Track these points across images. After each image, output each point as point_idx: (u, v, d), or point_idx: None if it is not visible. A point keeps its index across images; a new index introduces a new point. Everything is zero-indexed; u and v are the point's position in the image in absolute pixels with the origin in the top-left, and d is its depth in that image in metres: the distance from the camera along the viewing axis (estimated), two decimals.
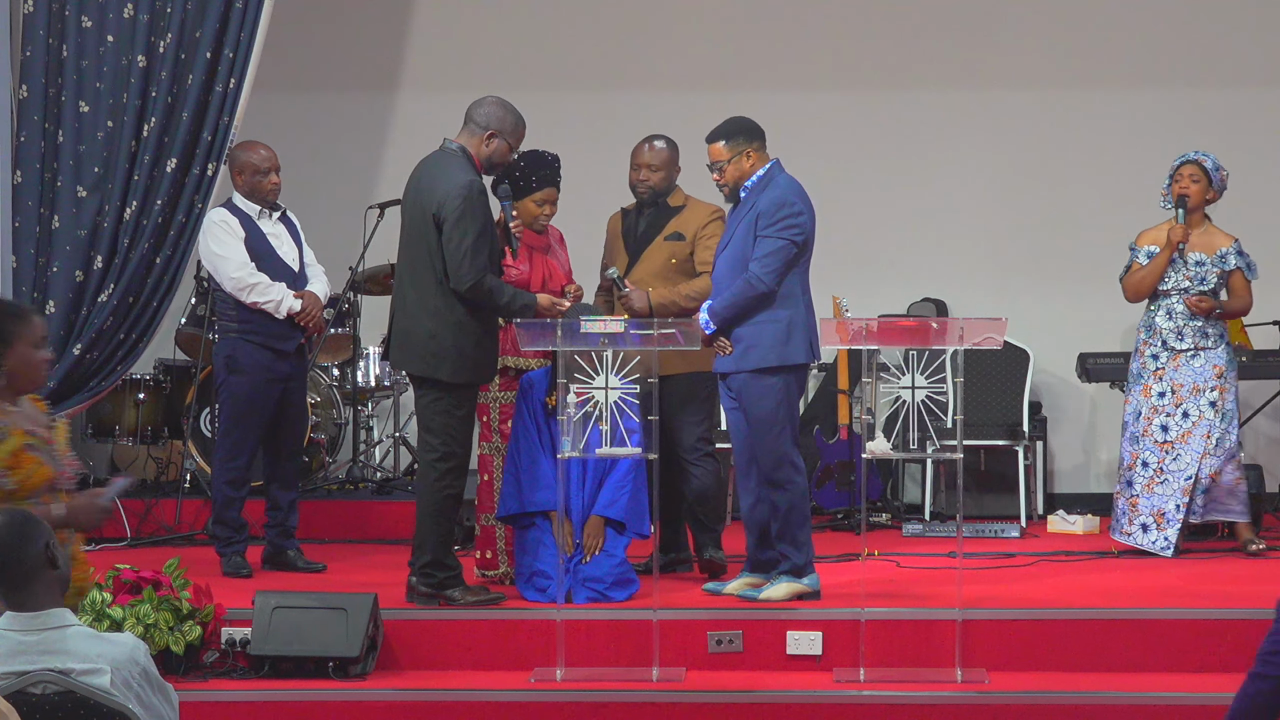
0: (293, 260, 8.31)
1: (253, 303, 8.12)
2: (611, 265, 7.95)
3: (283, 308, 8.13)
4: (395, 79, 10.79)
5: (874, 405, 7.37)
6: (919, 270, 10.59)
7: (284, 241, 8.32)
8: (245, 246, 8.16)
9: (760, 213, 7.34)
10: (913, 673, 6.97)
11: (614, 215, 8.20)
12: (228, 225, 8.20)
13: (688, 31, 10.67)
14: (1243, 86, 10.50)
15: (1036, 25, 10.60)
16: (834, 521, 9.61)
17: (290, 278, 8.24)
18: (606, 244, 8.15)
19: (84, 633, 4.32)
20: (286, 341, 8.19)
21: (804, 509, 7.43)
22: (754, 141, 7.46)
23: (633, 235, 8.03)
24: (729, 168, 7.44)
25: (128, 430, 9.75)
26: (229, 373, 8.18)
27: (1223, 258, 8.60)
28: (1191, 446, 8.52)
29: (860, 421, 9.42)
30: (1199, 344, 8.57)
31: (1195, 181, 8.62)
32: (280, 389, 8.19)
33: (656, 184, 7.96)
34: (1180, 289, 8.60)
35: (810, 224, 7.41)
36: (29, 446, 4.84)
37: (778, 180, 7.43)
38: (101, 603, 6.87)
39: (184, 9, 8.73)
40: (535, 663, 7.08)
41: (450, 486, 7.31)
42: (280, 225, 8.34)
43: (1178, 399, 8.58)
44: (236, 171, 8.29)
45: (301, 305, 8.15)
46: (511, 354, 7.75)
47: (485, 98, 7.46)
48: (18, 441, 4.83)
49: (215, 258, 8.21)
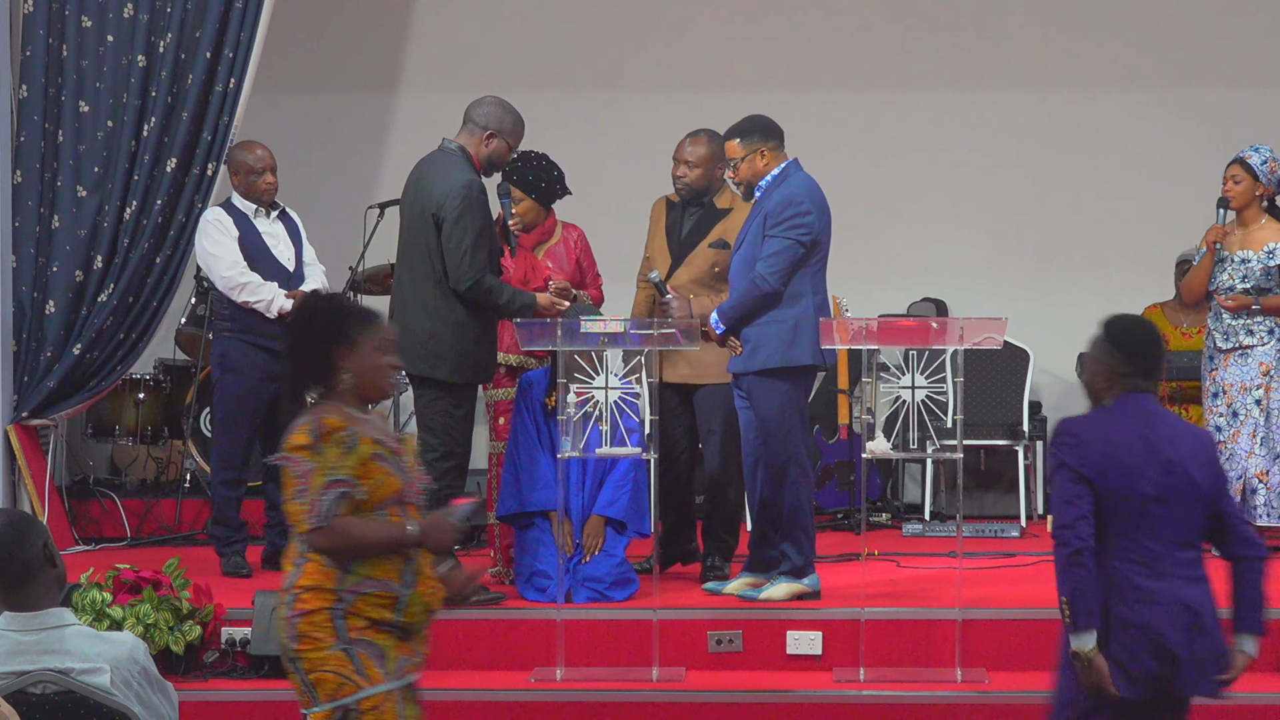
0: (288, 260, 8.30)
1: (244, 302, 8.13)
2: (653, 265, 7.82)
3: (274, 307, 8.13)
4: (395, 79, 10.79)
5: (874, 405, 7.35)
6: (919, 270, 10.59)
7: (280, 241, 8.32)
8: (239, 246, 8.17)
9: (768, 213, 7.33)
10: (913, 673, 6.97)
11: (658, 201, 8.08)
12: (221, 224, 8.21)
13: (687, 31, 10.66)
14: (1244, 87, 10.50)
15: (1037, 26, 10.60)
16: (834, 521, 9.61)
17: (284, 277, 8.24)
18: (650, 232, 8.06)
19: (84, 632, 4.33)
20: (279, 341, 8.18)
21: (808, 510, 7.42)
22: (769, 140, 7.43)
23: (676, 235, 7.92)
24: (742, 166, 7.42)
25: (128, 430, 9.74)
26: (223, 372, 8.19)
27: (1270, 253, 8.54)
28: (1240, 446, 8.50)
29: (860, 421, 9.41)
30: (1243, 342, 8.53)
31: (1237, 183, 8.57)
32: (274, 388, 8.18)
33: (694, 181, 7.84)
34: (1226, 288, 8.56)
35: (820, 224, 7.36)
36: (377, 456, 4.70)
37: (790, 180, 7.40)
38: (101, 602, 6.87)
39: (184, 9, 8.73)
40: (535, 662, 7.08)
41: (450, 486, 7.30)
42: (278, 225, 8.34)
43: (1228, 399, 8.55)
44: (233, 171, 8.31)
45: (293, 305, 8.15)
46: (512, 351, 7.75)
47: (484, 98, 7.46)
48: (366, 450, 4.69)
49: (208, 256, 8.23)
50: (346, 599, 4.64)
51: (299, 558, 4.70)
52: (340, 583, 4.64)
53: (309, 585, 4.65)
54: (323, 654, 4.63)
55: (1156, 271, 10.16)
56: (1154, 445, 4.95)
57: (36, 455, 8.82)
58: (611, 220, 8.98)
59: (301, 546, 4.70)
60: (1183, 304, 10.05)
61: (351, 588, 4.64)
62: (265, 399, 8.16)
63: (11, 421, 8.74)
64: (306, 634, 4.64)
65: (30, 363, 8.78)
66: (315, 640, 4.63)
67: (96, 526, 9.24)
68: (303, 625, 4.64)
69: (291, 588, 4.68)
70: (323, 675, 4.63)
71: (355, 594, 4.65)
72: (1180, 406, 9.94)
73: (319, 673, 4.63)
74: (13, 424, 8.73)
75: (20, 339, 8.78)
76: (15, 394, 8.79)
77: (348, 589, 4.64)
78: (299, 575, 4.68)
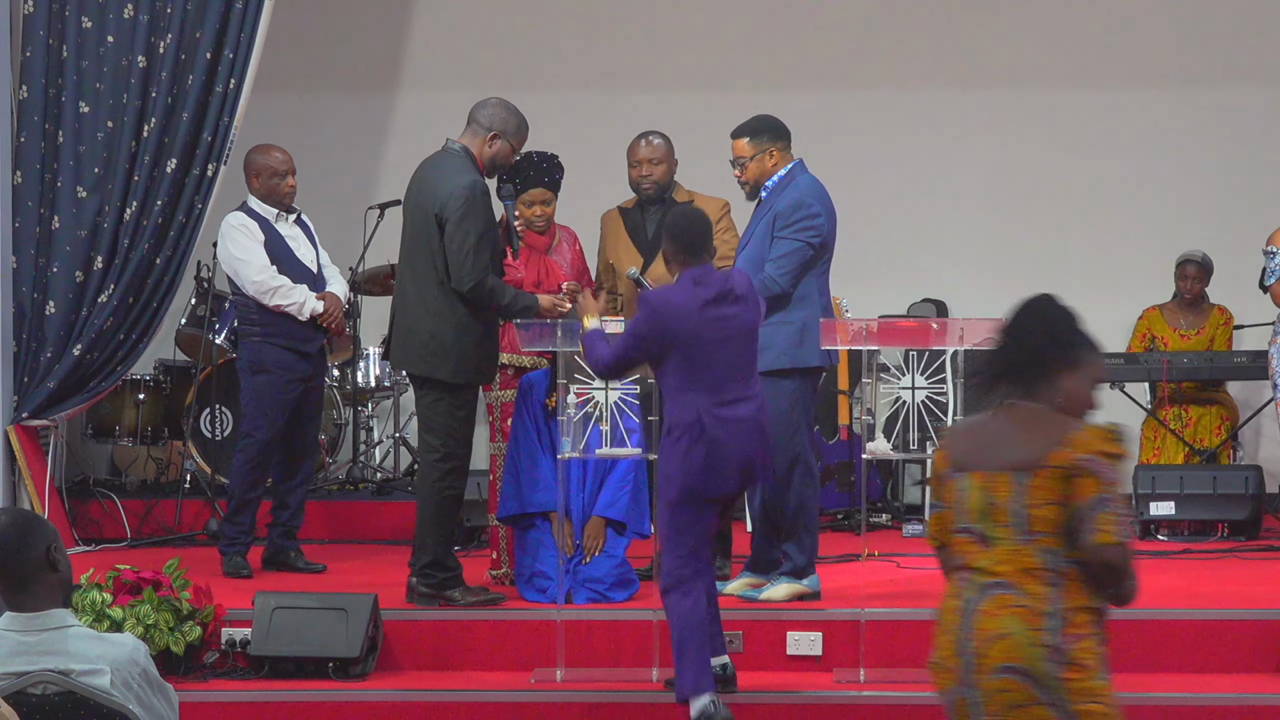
0: (311, 262, 8.31)
1: (275, 305, 8.11)
2: (626, 265, 7.85)
3: (305, 309, 8.13)
4: (395, 79, 10.80)
5: (874, 406, 7.36)
6: (919, 271, 10.59)
7: (301, 244, 8.32)
8: (265, 250, 8.17)
9: (778, 214, 7.32)
10: (913, 673, 6.93)
11: (609, 213, 8.14)
12: (247, 229, 8.19)
13: (687, 31, 10.66)
14: (1246, 86, 10.50)
15: (1038, 26, 10.60)
16: (834, 522, 9.60)
17: (310, 279, 8.25)
18: (605, 244, 8.11)
19: (84, 633, 4.32)
20: (309, 343, 8.19)
21: (812, 511, 7.43)
22: (778, 141, 7.43)
23: (641, 235, 7.96)
24: (751, 165, 7.42)
25: (128, 431, 9.75)
26: (253, 374, 8.16)
27: None
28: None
29: (860, 422, 9.41)
30: None
31: None
32: (302, 389, 8.18)
33: (660, 178, 7.91)
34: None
35: (828, 226, 7.37)
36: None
37: (798, 181, 7.40)
38: (102, 603, 6.87)
39: (184, 9, 8.72)
40: (535, 663, 7.08)
41: (451, 487, 7.31)
42: (296, 228, 8.34)
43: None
44: (253, 174, 8.27)
45: (324, 306, 8.16)
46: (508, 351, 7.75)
47: (488, 99, 7.45)
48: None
49: (236, 262, 8.19)
50: (1102, 622, 4.35)
51: (1052, 575, 4.31)
52: (1098, 603, 4.33)
53: (1078, 606, 4.29)
54: (1092, 683, 4.28)
55: (1157, 272, 10.16)
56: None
57: (37, 456, 8.81)
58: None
59: (1055, 562, 4.30)
60: (1181, 305, 10.06)
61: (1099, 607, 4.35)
62: (294, 399, 8.15)
63: (12, 422, 8.73)
64: (1079, 661, 4.26)
65: (30, 363, 8.78)
66: (1086, 669, 4.27)
67: (97, 527, 9.24)
68: (1078, 651, 4.26)
69: (1059, 610, 4.28)
70: (1091, 707, 4.28)
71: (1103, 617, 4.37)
72: (1181, 407, 9.95)
73: (1088, 703, 4.27)
74: (13, 425, 8.73)
75: (20, 340, 8.77)
76: (15, 395, 8.78)
77: (1100, 610, 4.35)
78: (1060, 594, 4.29)
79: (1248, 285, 8.99)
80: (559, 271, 7.88)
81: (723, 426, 6.43)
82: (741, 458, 6.46)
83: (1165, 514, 9.06)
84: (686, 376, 6.43)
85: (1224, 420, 9.96)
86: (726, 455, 6.43)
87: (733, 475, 6.48)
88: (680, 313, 6.43)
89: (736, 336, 6.50)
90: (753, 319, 6.57)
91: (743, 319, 6.53)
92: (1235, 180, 10.04)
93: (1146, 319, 10.14)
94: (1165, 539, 9.02)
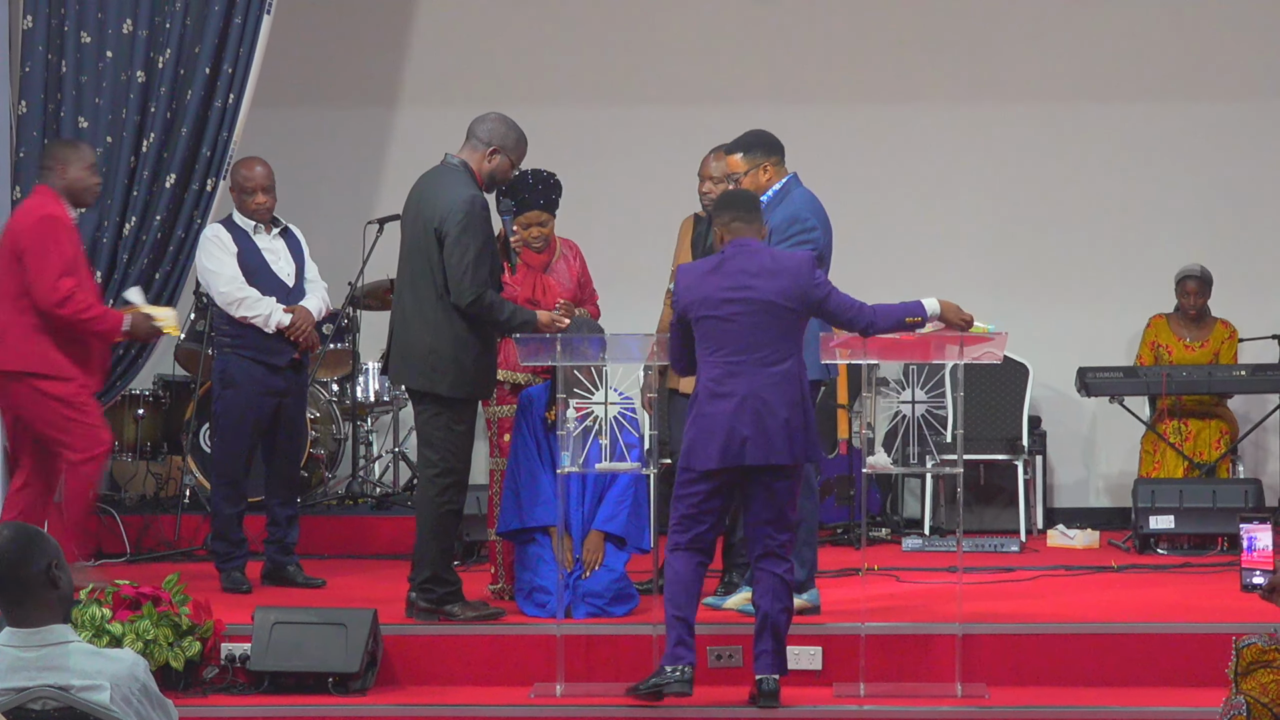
0: (288, 276, 8.31)
1: (241, 317, 8.14)
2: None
3: (271, 322, 8.14)
4: (394, 94, 10.80)
5: (873, 420, 7.36)
6: (917, 284, 10.56)
7: (280, 257, 8.33)
8: (238, 262, 8.19)
9: (773, 229, 7.32)
10: (913, 688, 6.96)
11: (687, 219, 8.12)
12: (220, 240, 8.24)
13: (687, 47, 10.67)
14: (1241, 99, 10.51)
15: (1036, 39, 10.61)
16: (833, 536, 9.59)
17: (283, 293, 8.25)
18: (677, 248, 8.08)
19: (84, 649, 4.31)
20: (278, 356, 8.19)
21: (812, 525, 7.43)
22: (772, 155, 7.43)
23: (701, 248, 7.94)
24: (745, 180, 7.41)
25: (127, 446, 9.74)
26: (222, 387, 8.20)
27: None
28: None
29: (860, 436, 9.41)
30: None
31: None
32: (275, 403, 8.19)
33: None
34: None
35: (824, 239, 7.35)
36: None
37: (793, 195, 7.40)
38: (101, 618, 6.86)
39: (183, 25, 8.73)
40: (535, 678, 7.07)
41: (450, 502, 7.31)
42: (279, 241, 8.36)
43: None
44: (231, 188, 8.35)
45: (291, 320, 8.16)
46: (505, 368, 7.74)
47: (488, 114, 7.46)
48: None
49: (207, 273, 8.27)
50: None
51: None
52: None
53: None
54: None
55: (1156, 286, 10.16)
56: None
57: None
58: (611, 235, 8.99)
59: None
60: (1185, 319, 10.05)
61: None
62: (265, 414, 8.16)
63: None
64: None
65: None
66: None
67: (96, 542, 9.22)
68: None
69: None
70: None
71: None
72: (1180, 420, 9.95)
73: None
74: None
75: None
76: None
77: None
78: None
79: (1248, 298, 8.99)
80: (555, 289, 7.87)
81: (714, 401, 6.53)
82: (724, 434, 6.52)
83: (1164, 528, 9.06)
84: (702, 347, 6.61)
85: (1224, 434, 9.96)
86: (712, 429, 6.53)
87: (713, 451, 6.53)
88: (692, 282, 6.62)
89: (752, 311, 6.55)
90: (772, 295, 6.57)
91: (759, 292, 6.56)
92: (1236, 193, 10.04)
93: (1154, 327, 10.13)
94: (1164, 553, 9.01)
